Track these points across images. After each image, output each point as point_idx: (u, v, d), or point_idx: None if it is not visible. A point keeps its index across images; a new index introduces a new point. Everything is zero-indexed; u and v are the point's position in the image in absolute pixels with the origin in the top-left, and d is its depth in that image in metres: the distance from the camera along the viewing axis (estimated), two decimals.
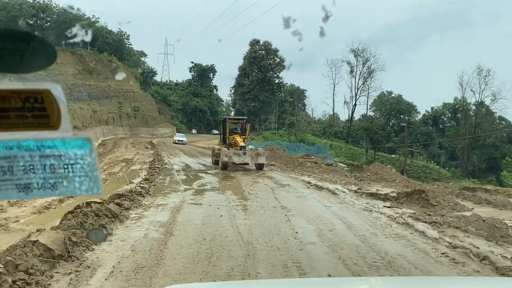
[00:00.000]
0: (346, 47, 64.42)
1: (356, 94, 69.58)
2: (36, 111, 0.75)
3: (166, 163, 27.16)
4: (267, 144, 41.60)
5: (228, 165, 23.56)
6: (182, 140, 51.85)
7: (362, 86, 69.56)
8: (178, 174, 20.67)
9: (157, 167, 22.25)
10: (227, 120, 27.77)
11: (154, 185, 15.67)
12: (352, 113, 71.56)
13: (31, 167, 0.76)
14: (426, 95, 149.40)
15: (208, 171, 23.24)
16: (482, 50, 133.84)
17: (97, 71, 66.80)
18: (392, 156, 66.61)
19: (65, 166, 0.78)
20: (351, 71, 68.60)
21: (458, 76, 69.08)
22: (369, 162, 49.97)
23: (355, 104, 70.32)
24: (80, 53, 66.17)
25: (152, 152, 36.95)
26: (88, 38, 1.14)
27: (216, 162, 25.67)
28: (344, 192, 15.28)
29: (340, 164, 30.86)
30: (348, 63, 68.55)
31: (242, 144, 24.03)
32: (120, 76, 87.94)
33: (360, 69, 68.39)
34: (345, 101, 72.64)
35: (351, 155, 57.05)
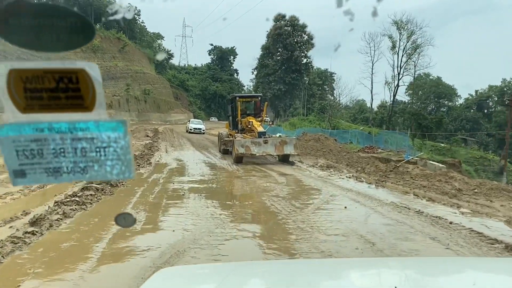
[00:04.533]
0: (387, 18, 50.82)
1: (399, 73, 55.28)
2: (70, 92, 0.69)
3: (149, 164, 14.58)
4: (303, 132, 28.58)
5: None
6: (200, 129, 37.63)
7: (405, 64, 55.12)
8: (137, 207, 7.96)
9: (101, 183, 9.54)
10: (237, 98, 19.16)
11: None
12: (394, 95, 57.38)
13: (62, 150, 0.70)
14: (456, 81, 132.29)
15: (215, 183, 10.53)
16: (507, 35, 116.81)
17: (102, 49, 54.48)
18: (442, 145, 52.69)
19: (97, 150, 0.71)
20: (393, 47, 54.42)
21: None
22: (479, 160, 36.31)
23: (398, 85, 56.11)
24: None
25: (148, 142, 24.41)
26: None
27: (225, 151, 18.77)
28: None
29: (431, 162, 17.70)
30: (390, 37, 54.24)
31: (261, 129, 16.53)
32: (161, 56, 75.78)
33: (404, 44, 53.94)
34: (386, 81, 58.31)
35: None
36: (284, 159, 16.54)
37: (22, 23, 0.67)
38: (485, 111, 73.56)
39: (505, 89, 71.85)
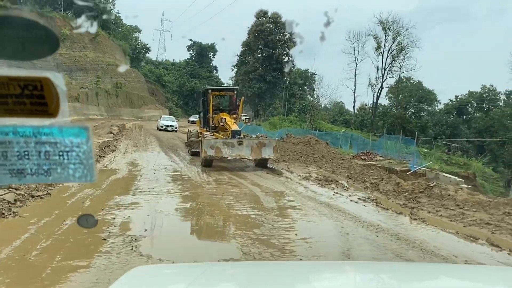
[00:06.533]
0: (372, 18, 47.64)
1: (383, 75, 52.22)
2: (35, 98, 0.71)
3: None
4: (288, 133, 24.75)
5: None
6: (172, 126, 33.08)
7: (389, 66, 52.08)
8: None
9: None
10: (209, 91, 15.77)
11: None
12: (378, 97, 54.41)
13: (26, 153, 0.72)
14: (435, 86, 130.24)
15: (169, 210, 6.48)
16: (482, 43, 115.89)
17: (71, 38, 49.37)
18: (425, 150, 49.85)
19: (60, 153, 0.73)
20: (378, 47, 51.23)
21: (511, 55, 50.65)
22: (462, 166, 32.79)
23: (381, 87, 53.13)
24: (51, 15, 48.64)
25: (107, 140, 20.16)
26: None
27: (194, 153, 15.24)
28: None
29: (444, 175, 14.24)
30: (375, 37, 51.00)
31: (235, 127, 13.50)
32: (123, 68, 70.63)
33: (389, 45, 50.82)
34: (369, 83, 55.19)
35: None
36: (262, 164, 13.32)
37: None
38: (464, 117, 71.60)
39: (485, 95, 70.17)
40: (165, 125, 32.78)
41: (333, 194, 9.23)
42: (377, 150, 20.19)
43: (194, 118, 49.65)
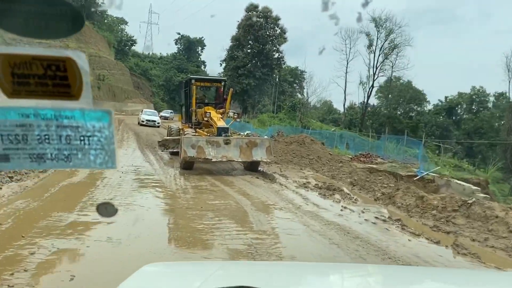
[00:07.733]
0: (365, 15, 45.58)
1: (374, 73, 50.58)
2: (58, 80, 0.68)
3: (42, 171, 8.29)
4: (279, 131, 22.76)
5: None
6: (154, 121, 31.03)
7: (381, 64, 50.47)
8: None
9: None
10: (192, 81, 13.22)
11: None
12: (369, 96, 52.87)
13: (46, 136, 0.69)
14: (424, 86, 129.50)
15: (119, 238, 4.30)
16: (470, 45, 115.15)
17: None
18: (416, 151, 48.20)
19: (82, 138, 0.71)
20: (370, 45, 49.51)
21: (504, 56, 48.38)
22: (453, 168, 31.21)
23: (372, 86, 51.55)
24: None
25: None
26: None
27: (175, 153, 12.76)
28: None
29: (457, 182, 12.44)
30: (367, 34, 49.19)
31: (221, 124, 11.25)
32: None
33: (382, 43, 49.12)
34: (360, 81, 53.58)
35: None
36: (252, 168, 11.27)
37: (11, 8, 0.66)
38: (453, 118, 70.53)
39: (474, 97, 69.25)
40: (147, 120, 30.62)
41: (341, 210, 7.26)
42: (376, 151, 18.35)
43: (166, 113, 46.08)
